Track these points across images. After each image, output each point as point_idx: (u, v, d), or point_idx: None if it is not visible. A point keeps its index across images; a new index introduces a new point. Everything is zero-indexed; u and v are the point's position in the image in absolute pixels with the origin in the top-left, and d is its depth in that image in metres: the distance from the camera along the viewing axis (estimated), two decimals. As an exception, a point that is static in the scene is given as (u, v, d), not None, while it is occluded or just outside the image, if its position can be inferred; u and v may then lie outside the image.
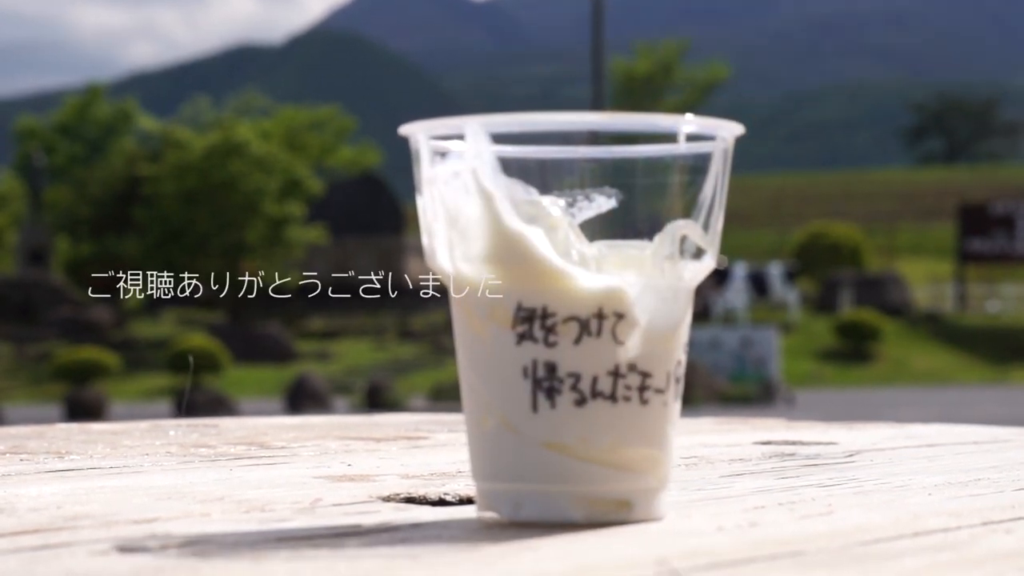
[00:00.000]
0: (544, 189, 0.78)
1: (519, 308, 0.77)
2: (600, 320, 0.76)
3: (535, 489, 0.78)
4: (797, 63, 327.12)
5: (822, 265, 34.24)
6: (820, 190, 68.42)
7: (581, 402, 0.76)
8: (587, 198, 0.79)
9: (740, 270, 28.28)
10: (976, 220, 34.17)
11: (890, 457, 1.21)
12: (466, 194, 0.77)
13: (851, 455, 1.22)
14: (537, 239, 0.76)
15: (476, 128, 0.77)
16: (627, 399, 0.77)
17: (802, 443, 1.34)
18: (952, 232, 38.11)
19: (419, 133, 0.79)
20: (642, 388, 0.77)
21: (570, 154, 0.79)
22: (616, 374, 0.76)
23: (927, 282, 37.31)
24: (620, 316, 0.76)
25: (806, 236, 36.62)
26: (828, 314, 29.98)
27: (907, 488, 0.97)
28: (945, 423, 1.59)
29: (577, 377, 0.76)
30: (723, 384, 21.09)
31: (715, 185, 0.80)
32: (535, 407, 0.77)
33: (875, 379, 25.90)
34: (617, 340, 0.76)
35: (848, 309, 29.77)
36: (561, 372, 0.76)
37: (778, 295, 30.58)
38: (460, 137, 0.78)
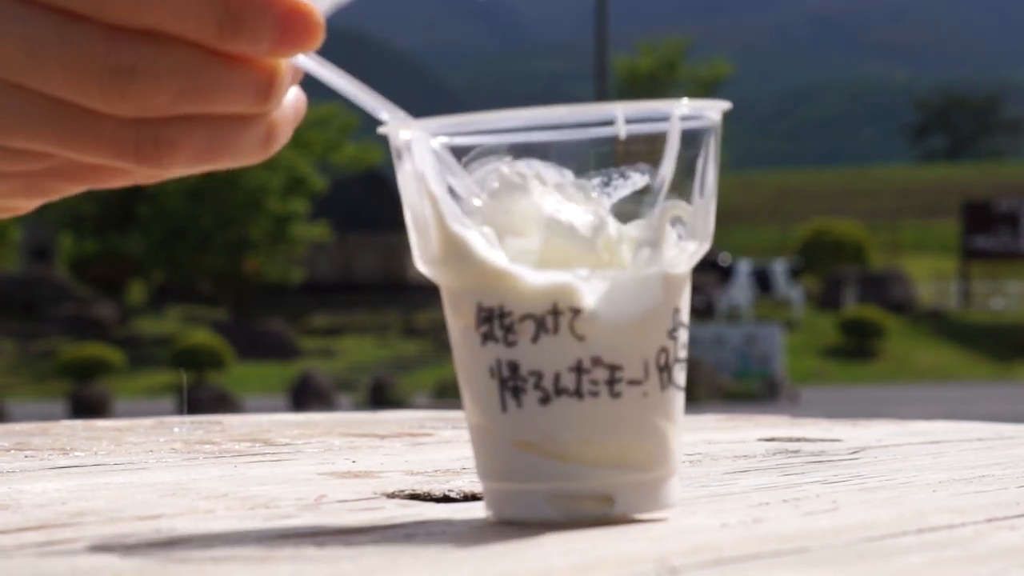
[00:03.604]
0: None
1: (479, 308, 0.76)
2: (556, 316, 0.75)
3: (511, 488, 0.77)
4: (799, 59, 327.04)
5: (826, 262, 34.25)
6: (823, 187, 68.43)
7: (545, 400, 0.75)
8: (622, 175, 0.78)
9: (744, 267, 28.33)
10: (980, 217, 34.19)
11: (894, 454, 1.21)
12: (419, 196, 0.77)
13: (855, 452, 1.22)
14: (475, 241, 0.75)
15: (418, 133, 0.76)
16: (594, 394, 0.75)
17: (806, 440, 1.34)
18: (956, 229, 38.14)
19: (391, 132, 0.78)
20: (612, 381, 0.75)
21: (571, 136, 0.78)
22: (579, 369, 0.75)
23: (931, 279, 37.31)
24: (576, 311, 0.75)
25: (809, 233, 36.64)
26: (832, 311, 30.01)
27: (911, 485, 0.97)
28: (949, 420, 1.59)
29: (539, 375, 0.75)
30: (727, 381, 21.10)
31: (702, 167, 0.79)
32: (504, 406, 0.76)
33: (879, 376, 25.92)
34: (576, 335, 0.75)
35: (852, 306, 29.79)
36: (523, 371, 0.75)
37: (782, 292, 30.61)
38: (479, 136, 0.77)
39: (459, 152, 0.77)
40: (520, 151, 0.77)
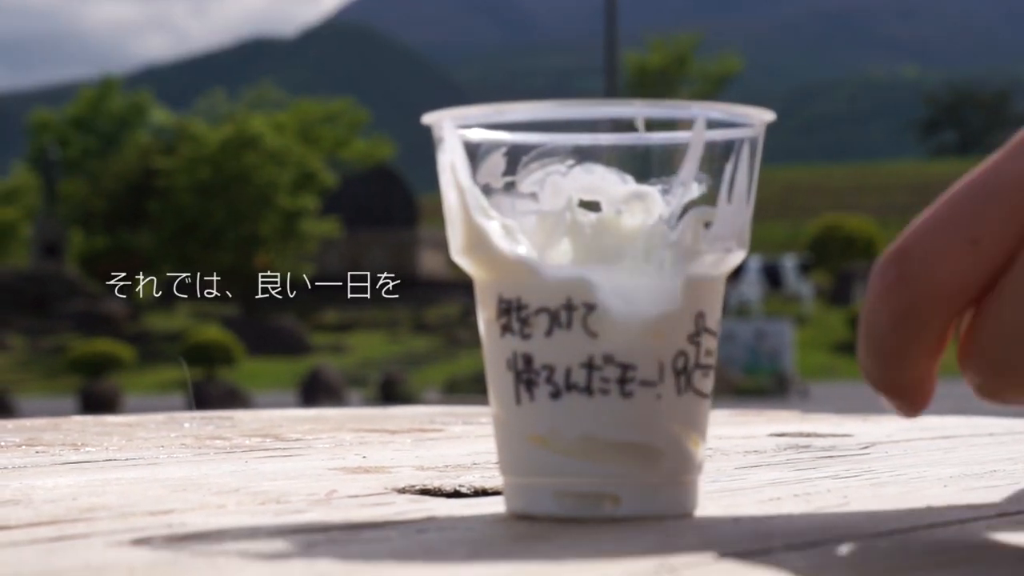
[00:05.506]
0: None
1: (500, 300, 0.77)
2: (570, 311, 0.75)
3: (522, 483, 0.77)
4: (809, 55, 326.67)
5: (836, 257, 34.22)
6: (833, 182, 68.30)
7: (556, 395, 0.75)
8: (682, 184, 0.78)
9: (754, 263, 28.30)
10: (990, 212, 34.13)
11: (905, 449, 1.21)
12: (449, 187, 0.77)
13: (866, 447, 1.22)
14: (495, 232, 0.75)
15: (448, 123, 0.77)
16: (604, 392, 0.75)
17: (817, 435, 1.34)
18: (966, 224, 38.03)
19: (441, 121, 0.79)
20: (623, 381, 0.75)
21: (595, 141, 0.78)
22: (590, 366, 0.75)
23: (941, 274, 37.24)
24: (591, 307, 0.75)
25: (820, 228, 36.61)
26: (842, 307, 29.97)
27: (922, 480, 0.97)
28: (960, 415, 1.59)
29: (551, 369, 0.75)
30: (737, 376, 21.10)
31: (746, 175, 0.79)
32: (518, 399, 0.76)
33: (889, 372, 25.87)
34: (589, 331, 0.75)
35: (862, 302, 29.74)
36: (537, 364, 0.75)
37: (792, 288, 30.59)
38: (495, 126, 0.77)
39: (520, 150, 0.77)
40: (583, 154, 0.77)
